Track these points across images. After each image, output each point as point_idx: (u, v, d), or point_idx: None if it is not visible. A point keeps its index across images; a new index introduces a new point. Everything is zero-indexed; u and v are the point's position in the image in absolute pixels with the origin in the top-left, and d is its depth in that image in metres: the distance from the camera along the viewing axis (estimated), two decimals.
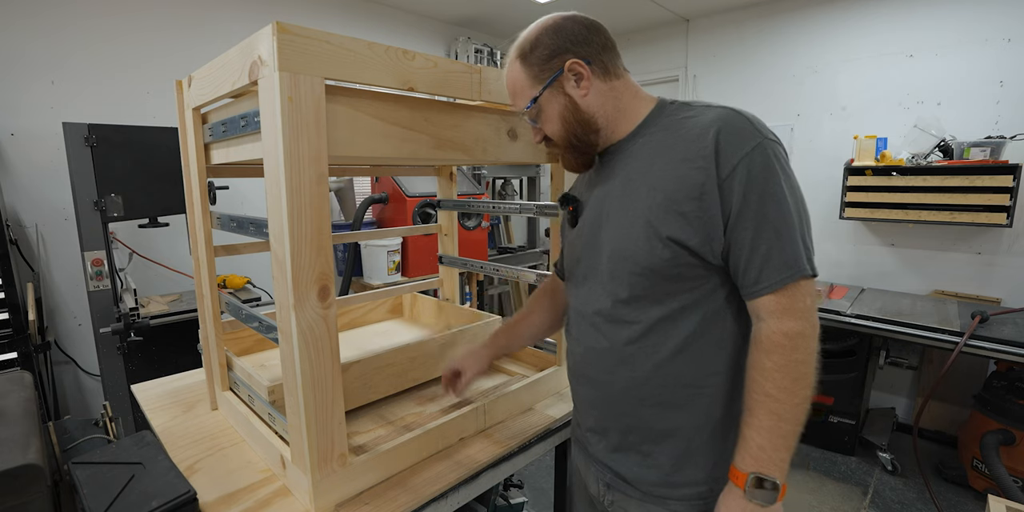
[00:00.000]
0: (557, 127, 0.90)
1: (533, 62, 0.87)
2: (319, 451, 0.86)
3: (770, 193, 0.75)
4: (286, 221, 0.76)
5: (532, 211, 1.36)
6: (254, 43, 0.77)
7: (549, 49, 0.86)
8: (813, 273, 0.76)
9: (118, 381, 2.03)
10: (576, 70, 0.85)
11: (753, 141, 0.76)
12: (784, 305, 0.75)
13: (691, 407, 0.85)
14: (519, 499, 1.64)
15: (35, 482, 0.83)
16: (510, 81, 0.92)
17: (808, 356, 0.75)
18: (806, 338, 0.75)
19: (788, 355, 0.74)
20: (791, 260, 0.75)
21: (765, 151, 0.76)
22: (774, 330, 0.75)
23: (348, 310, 1.70)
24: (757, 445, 0.75)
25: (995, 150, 2.51)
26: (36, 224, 2.30)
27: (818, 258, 0.79)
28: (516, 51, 0.90)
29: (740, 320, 0.83)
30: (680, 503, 0.87)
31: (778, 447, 0.74)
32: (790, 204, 0.76)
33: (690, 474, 0.86)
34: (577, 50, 0.86)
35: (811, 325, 0.76)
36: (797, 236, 0.76)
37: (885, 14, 2.94)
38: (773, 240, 0.75)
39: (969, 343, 2.19)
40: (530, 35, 0.88)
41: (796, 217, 0.77)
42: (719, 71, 3.66)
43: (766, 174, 0.76)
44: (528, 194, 4.01)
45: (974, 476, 2.40)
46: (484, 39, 3.97)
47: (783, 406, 0.74)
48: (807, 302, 0.76)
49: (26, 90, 2.23)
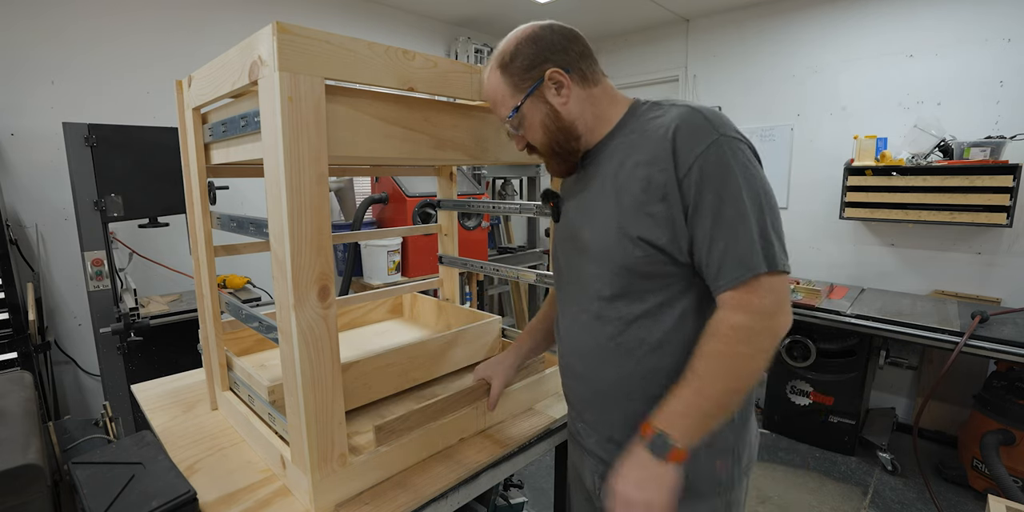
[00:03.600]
0: (539, 135, 0.91)
1: (513, 72, 0.88)
2: (319, 451, 0.86)
3: (726, 190, 0.76)
4: (286, 221, 0.76)
5: (532, 211, 1.36)
6: (254, 43, 0.77)
7: (529, 59, 0.87)
8: (774, 268, 0.75)
9: (118, 381, 2.03)
10: (556, 79, 0.87)
11: (708, 138, 0.77)
12: (740, 301, 0.76)
13: None
14: (519, 499, 1.64)
15: (35, 482, 0.83)
16: (491, 91, 0.93)
17: (754, 351, 0.75)
18: (755, 334, 0.75)
19: (731, 346, 0.75)
20: (746, 257, 0.75)
21: (721, 148, 0.77)
22: (722, 320, 0.77)
23: (348, 310, 1.70)
24: (671, 409, 0.78)
25: (995, 150, 2.51)
26: (36, 224, 2.30)
27: (818, 258, 0.80)
28: (496, 61, 0.91)
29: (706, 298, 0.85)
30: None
31: (688, 416, 0.77)
32: (746, 201, 0.76)
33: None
34: (556, 59, 0.87)
35: (763, 321, 0.75)
36: (755, 233, 0.76)
37: (885, 14, 2.94)
38: (730, 238, 0.76)
39: (969, 343, 2.19)
40: (509, 45, 0.90)
41: (755, 213, 0.76)
42: (719, 71, 3.66)
43: (721, 171, 0.76)
44: (528, 194, 4.01)
45: (974, 476, 2.40)
46: (484, 39, 3.97)
47: (707, 387, 0.76)
48: (766, 299, 0.75)
49: (27, 90, 2.23)
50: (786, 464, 2.69)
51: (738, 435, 0.91)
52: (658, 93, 4.00)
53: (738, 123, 0.85)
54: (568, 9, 3.36)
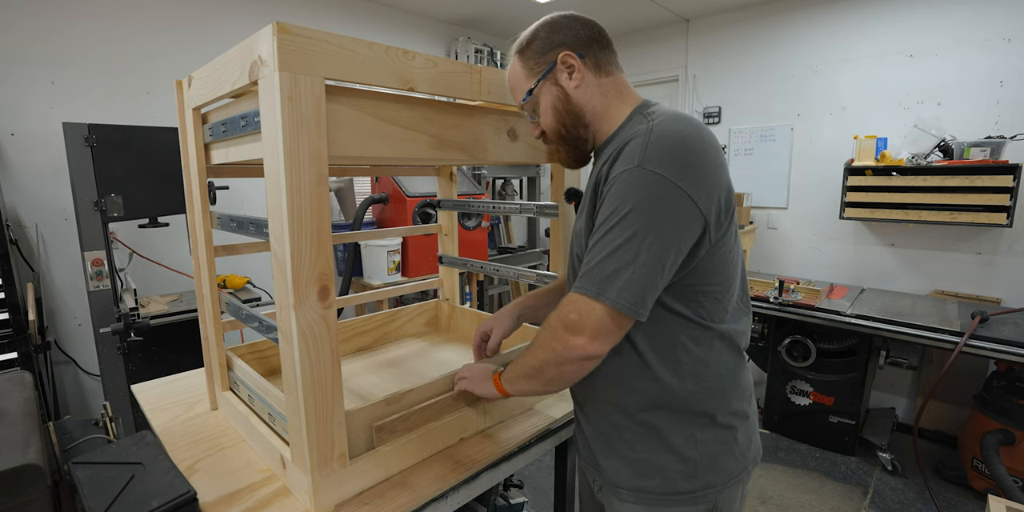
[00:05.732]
0: (550, 119, 0.94)
1: (529, 56, 0.92)
2: (319, 451, 0.86)
3: (616, 215, 0.77)
4: (286, 221, 0.76)
5: (532, 211, 1.36)
6: (254, 43, 0.77)
7: (544, 43, 0.91)
8: (597, 297, 0.77)
9: (118, 381, 2.03)
10: (568, 62, 0.89)
11: (630, 165, 0.77)
12: (564, 305, 0.82)
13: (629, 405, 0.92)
14: (519, 499, 1.64)
15: (35, 482, 0.83)
16: (510, 76, 0.97)
17: (549, 348, 0.84)
18: (556, 336, 0.82)
19: (543, 333, 0.85)
20: (588, 276, 0.79)
21: (632, 176, 0.77)
22: (555, 315, 0.84)
23: (382, 323, 1.65)
24: (513, 364, 0.95)
25: (995, 150, 2.51)
26: (36, 224, 2.30)
27: (818, 258, 0.80)
28: (515, 47, 0.95)
29: (678, 325, 0.86)
30: (630, 493, 0.93)
31: (515, 366, 0.94)
32: (624, 232, 0.76)
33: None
34: (570, 44, 0.90)
35: (564, 330, 0.81)
36: (609, 263, 0.77)
37: (885, 14, 2.94)
38: (593, 255, 0.79)
39: (969, 343, 2.19)
40: (528, 32, 0.94)
41: (623, 248, 0.76)
42: (719, 71, 3.66)
43: (618, 200, 0.77)
44: (528, 194, 4.01)
45: (974, 476, 2.40)
46: (484, 39, 3.97)
47: (528, 355, 0.90)
48: (571, 315, 0.80)
49: (26, 90, 2.24)
50: (786, 464, 2.69)
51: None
52: (658, 93, 4.00)
53: (738, 123, 0.85)
54: (567, 8, 3.35)
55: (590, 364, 0.84)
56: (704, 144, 0.80)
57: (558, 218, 1.27)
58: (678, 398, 0.88)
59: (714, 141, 0.84)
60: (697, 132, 0.81)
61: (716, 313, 0.88)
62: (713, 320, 0.88)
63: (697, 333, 0.87)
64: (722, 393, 0.90)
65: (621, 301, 0.76)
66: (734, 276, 0.90)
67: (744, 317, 0.95)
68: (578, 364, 0.83)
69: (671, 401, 0.88)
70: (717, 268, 0.85)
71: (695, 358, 0.88)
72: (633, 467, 0.92)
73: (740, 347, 0.93)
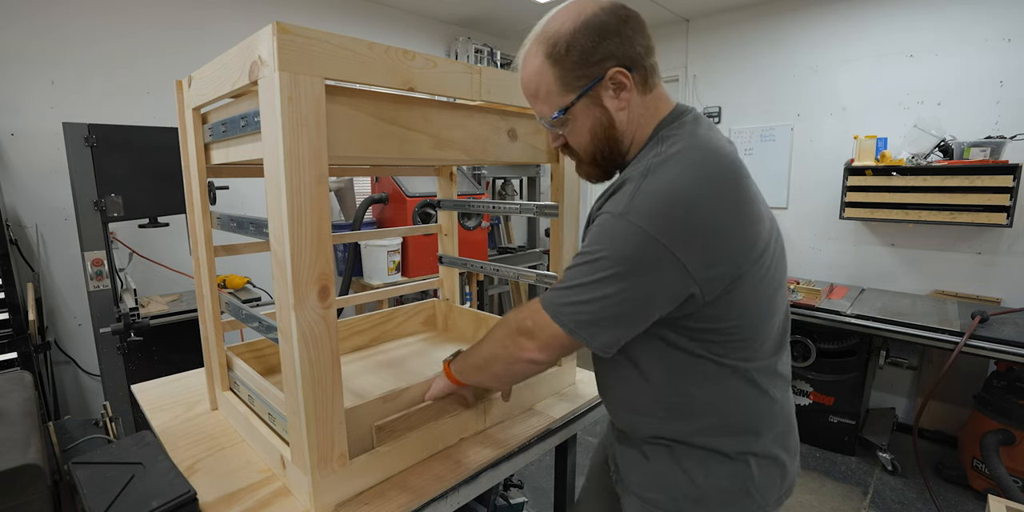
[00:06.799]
0: (586, 141, 0.84)
1: (567, 67, 0.76)
2: (319, 451, 0.86)
3: (590, 257, 0.74)
4: (286, 221, 0.76)
5: (532, 211, 1.36)
6: (254, 43, 0.77)
7: (589, 52, 0.75)
8: (551, 313, 0.77)
9: (118, 381, 2.03)
10: (618, 80, 0.76)
11: (615, 210, 0.72)
12: (524, 307, 0.84)
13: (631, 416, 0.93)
14: (519, 499, 1.64)
15: (35, 482, 0.83)
16: (533, 82, 0.81)
17: (500, 345, 0.87)
18: (509, 334, 0.85)
19: (499, 328, 0.89)
20: (558, 303, 0.78)
21: (616, 224, 0.71)
22: (514, 316, 0.86)
23: (380, 321, 1.66)
24: (465, 354, 0.99)
25: (995, 150, 2.51)
26: (36, 224, 2.30)
27: (818, 258, 0.80)
28: (544, 48, 0.77)
29: (686, 361, 0.82)
30: (638, 500, 0.93)
31: (466, 356, 0.98)
32: (594, 269, 0.73)
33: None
34: (620, 54, 0.76)
35: (519, 333, 0.83)
36: (573, 292, 0.76)
37: (885, 14, 2.94)
38: (567, 286, 0.77)
39: (969, 343, 2.19)
40: (563, 30, 0.76)
41: (595, 293, 0.73)
42: (719, 71, 3.66)
43: (595, 244, 0.74)
44: (528, 194, 4.01)
45: (974, 476, 2.40)
46: (484, 39, 3.97)
47: (480, 346, 0.93)
48: (527, 321, 0.81)
49: (26, 90, 2.23)
50: None
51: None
52: None
53: (738, 123, 0.84)
54: None
55: (538, 368, 0.86)
56: (714, 193, 0.70)
57: (558, 218, 1.27)
58: (687, 432, 0.85)
59: (735, 185, 0.73)
60: (707, 178, 0.71)
61: (734, 351, 0.80)
62: (730, 357, 0.80)
63: (710, 369, 0.80)
64: (738, 431, 0.83)
65: (579, 331, 0.76)
66: (762, 320, 0.80)
67: (777, 355, 0.86)
68: (525, 365, 0.85)
69: (681, 433, 0.85)
70: (733, 313, 0.76)
71: (708, 393, 0.82)
72: (645, 476, 0.90)
73: (766, 385, 0.84)
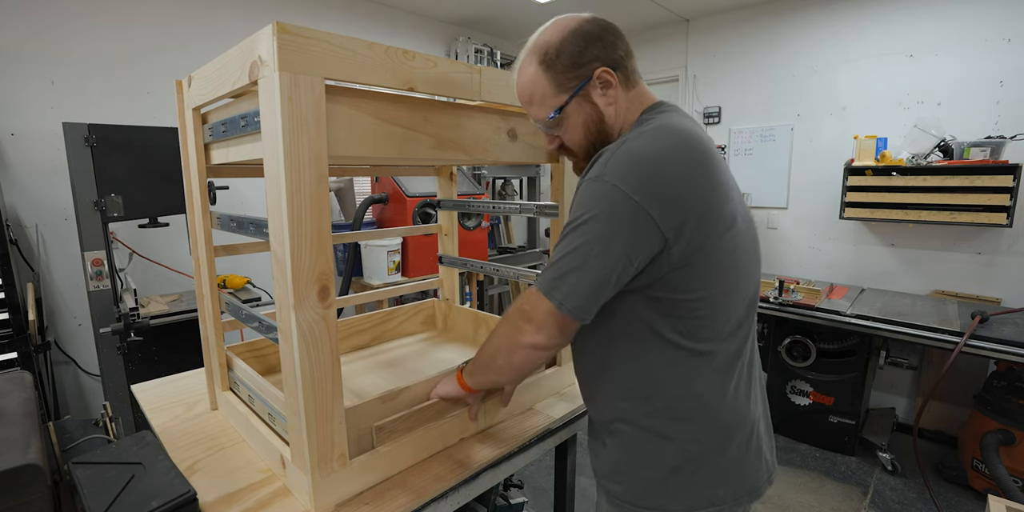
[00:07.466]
0: (579, 137, 0.90)
1: (559, 70, 0.85)
2: (319, 451, 0.86)
3: (574, 220, 0.79)
4: (286, 221, 0.76)
5: (532, 211, 1.36)
6: (254, 43, 0.77)
7: (576, 57, 0.84)
8: (547, 296, 0.80)
9: (118, 381, 2.03)
10: (604, 78, 0.85)
11: (594, 174, 0.79)
12: (523, 296, 0.86)
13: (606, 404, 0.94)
14: (519, 499, 1.64)
15: (35, 482, 0.83)
16: (528, 89, 0.89)
17: (503, 334, 0.89)
18: (512, 322, 0.86)
19: (502, 324, 0.90)
20: (545, 276, 0.82)
21: (591, 186, 0.78)
22: (514, 304, 0.88)
23: (380, 321, 1.66)
24: (473, 359, 1.00)
25: (995, 150, 2.51)
26: (36, 224, 2.30)
27: (818, 258, 0.80)
28: (537, 56, 0.87)
29: (653, 342, 0.84)
30: (603, 489, 0.96)
31: (473, 362, 1.00)
32: (578, 238, 0.78)
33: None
34: (604, 57, 0.85)
35: (520, 317, 0.84)
36: (561, 265, 0.79)
37: (885, 14, 2.94)
38: (556, 259, 0.81)
39: (969, 343, 2.19)
40: (552, 40, 0.86)
41: (574, 252, 0.78)
42: (719, 71, 3.66)
43: (578, 209, 0.80)
44: (528, 194, 4.01)
45: (974, 476, 2.40)
46: (484, 39, 3.97)
47: (485, 344, 0.94)
48: (525, 306, 0.83)
49: (26, 90, 2.23)
50: (786, 464, 2.69)
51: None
52: (658, 93, 3.97)
53: (738, 123, 0.85)
54: (568, 9, 3.35)
55: (537, 354, 0.86)
56: (681, 158, 0.78)
57: (558, 218, 1.27)
58: (639, 414, 0.87)
59: (701, 156, 0.80)
60: (676, 146, 0.78)
61: (695, 330, 0.83)
62: (691, 338, 0.83)
63: (670, 352, 0.83)
64: (687, 418, 0.85)
65: (567, 304, 0.79)
66: (725, 297, 0.84)
67: (736, 340, 0.88)
68: (526, 352, 0.85)
69: (634, 415, 0.88)
70: (694, 284, 0.80)
71: (665, 377, 0.84)
72: (604, 465, 0.94)
73: (724, 374, 0.86)
